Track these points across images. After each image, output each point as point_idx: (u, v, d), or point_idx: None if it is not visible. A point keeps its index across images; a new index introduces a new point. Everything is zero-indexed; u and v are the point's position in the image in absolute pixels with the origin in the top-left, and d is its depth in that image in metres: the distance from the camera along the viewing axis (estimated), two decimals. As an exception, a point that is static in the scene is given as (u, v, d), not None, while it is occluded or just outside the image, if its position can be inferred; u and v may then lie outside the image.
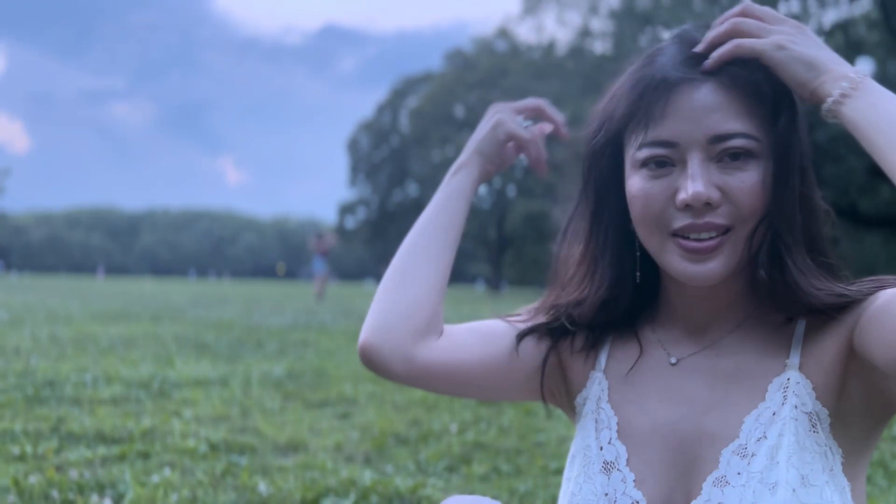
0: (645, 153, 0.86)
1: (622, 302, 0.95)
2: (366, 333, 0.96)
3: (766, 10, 0.87)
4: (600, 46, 29.27)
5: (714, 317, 0.91)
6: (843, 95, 0.81)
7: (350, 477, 2.68)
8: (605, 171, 0.93)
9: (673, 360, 0.93)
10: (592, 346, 0.99)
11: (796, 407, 0.83)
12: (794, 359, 0.86)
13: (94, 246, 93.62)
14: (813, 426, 0.83)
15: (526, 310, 1.04)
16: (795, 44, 0.83)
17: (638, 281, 0.94)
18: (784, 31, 0.84)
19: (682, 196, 0.83)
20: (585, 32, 29.73)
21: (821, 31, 21.10)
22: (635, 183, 0.87)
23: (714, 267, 0.84)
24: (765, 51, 0.83)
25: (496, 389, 1.02)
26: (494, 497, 2.45)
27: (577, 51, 30.36)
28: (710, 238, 0.84)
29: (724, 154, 0.83)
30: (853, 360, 0.83)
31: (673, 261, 0.86)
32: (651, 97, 0.86)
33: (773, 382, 0.86)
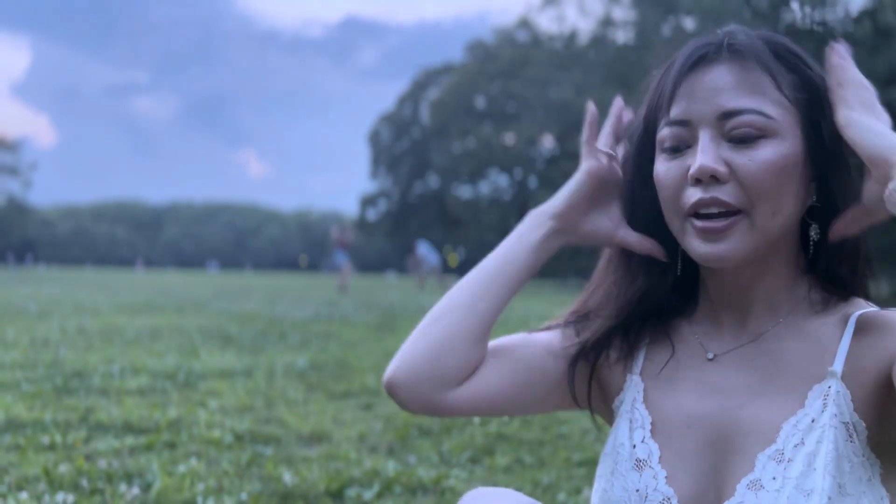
0: (664, 133, 0.88)
1: (660, 292, 0.96)
2: (391, 371, 0.96)
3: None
4: (622, 36, 29.01)
5: (755, 309, 0.90)
6: None
7: (374, 468, 2.69)
8: (642, 163, 0.94)
9: (710, 356, 0.92)
10: (628, 354, 0.98)
11: (835, 416, 0.82)
12: (839, 366, 0.84)
13: (119, 239, 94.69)
14: (850, 436, 0.82)
15: (560, 317, 1.03)
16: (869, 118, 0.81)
17: (679, 272, 0.94)
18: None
19: (691, 170, 0.84)
20: (607, 22, 29.49)
21: (848, 19, 20.76)
22: (658, 166, 0.90)
23: (726, 248, 0.84)
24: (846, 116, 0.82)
25: (528, 408, 1.03)
26: (517, 489, 2.46)
27: (599, 40, 30.12)
28: (721, 216, 0.83)
29: (735, 131, 0.84)
30: (892, 389, 0.81)
31: (690, 242, 0.86)
32: (669, 79, 0.88)
33: (813, 390, 0.84)
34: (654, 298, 0.96)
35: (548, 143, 39.14)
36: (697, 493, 0.86)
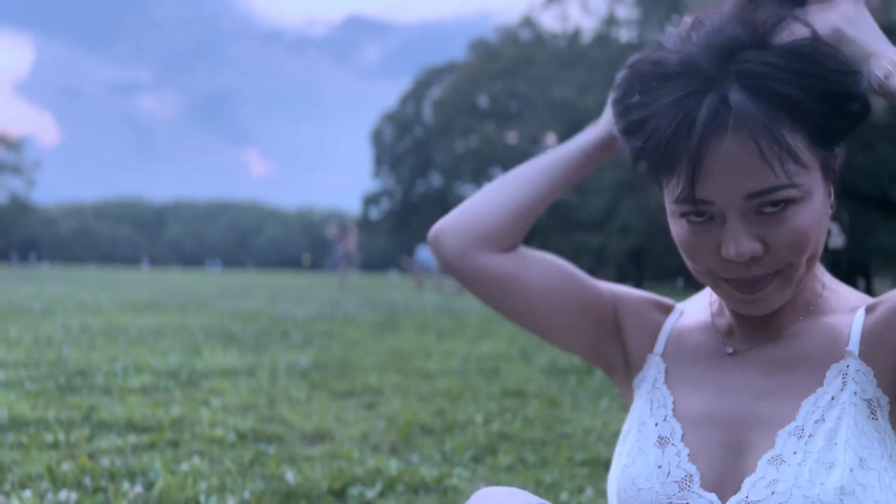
0: (681, 209, 0.84)
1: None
2: (440, 221, 1.08)
3: None
4: (626, 34, 28.99)
5: (777, 312, 0.91)
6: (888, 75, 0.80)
7: (376, 466, 2.70)
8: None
9: (730, 351, 0.94)
10: (659, 311, 1.02)
11: (855, 393, 0.84)
12: (854, 346, 0.86)
13: (122, 237, 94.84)
14: (872, 412, 0.84)
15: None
16: (852, 26, 0.83)
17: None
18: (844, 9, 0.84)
19: (725, 253, 0.83)
20: (611, 20, 29.47)
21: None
22: (677, 230, 0.87)
23: (764, 300, 0.85)
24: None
25: (546, 310, 1.03)
26: (520, 488, 2.45)
27: (603, 39, 30.10)
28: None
29: (763, 206, 0.81)
30: None
31: (724, 293, 0.88)
32: (676, 155, 0.81)
33: (831, 369, 0.86)
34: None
35: (551, 141, 39.10)
36: (719, 472, 0.87)
